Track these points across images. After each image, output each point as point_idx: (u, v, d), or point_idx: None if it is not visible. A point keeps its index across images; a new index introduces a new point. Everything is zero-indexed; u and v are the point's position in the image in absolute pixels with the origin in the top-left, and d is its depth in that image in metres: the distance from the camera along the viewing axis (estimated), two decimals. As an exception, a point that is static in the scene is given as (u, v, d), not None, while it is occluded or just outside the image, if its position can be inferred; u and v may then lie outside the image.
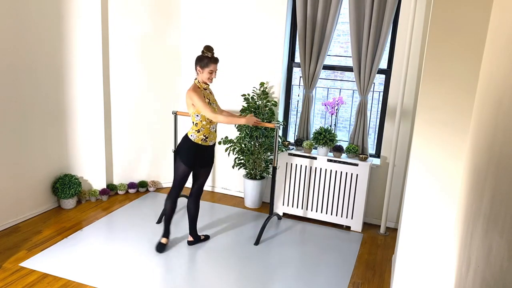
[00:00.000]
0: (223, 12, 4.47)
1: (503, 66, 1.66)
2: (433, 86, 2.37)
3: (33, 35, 3.80)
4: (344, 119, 4.64)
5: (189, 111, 3.34)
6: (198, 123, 3.31)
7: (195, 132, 3.32)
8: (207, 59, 3.25)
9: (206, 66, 3.25)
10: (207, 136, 3.36)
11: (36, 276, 3.09)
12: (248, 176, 4.52)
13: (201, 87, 3.31)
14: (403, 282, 2.67)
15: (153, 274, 3.21)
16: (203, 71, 3.26)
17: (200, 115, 3.29)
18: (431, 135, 2.42)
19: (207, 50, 3.26)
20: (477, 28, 2.22)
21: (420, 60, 3.81)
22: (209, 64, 3.24)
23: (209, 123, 3.35)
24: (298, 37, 4.17)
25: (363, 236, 4.04)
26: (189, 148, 3.34)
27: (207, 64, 3.24)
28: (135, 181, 4.81)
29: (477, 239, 1.71)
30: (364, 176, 3.99)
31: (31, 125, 3.91)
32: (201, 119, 3.30)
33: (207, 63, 3.24)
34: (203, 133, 3.33)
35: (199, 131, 3.32)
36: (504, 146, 1.46)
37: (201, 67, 3.26)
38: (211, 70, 3.26)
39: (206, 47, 3.27)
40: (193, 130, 3.34)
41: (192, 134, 3.33)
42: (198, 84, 3.31)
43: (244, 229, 4.02)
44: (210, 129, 3.36)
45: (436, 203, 2.47)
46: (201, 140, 3.34)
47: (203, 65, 3.25)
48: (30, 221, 3.97)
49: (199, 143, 3.34)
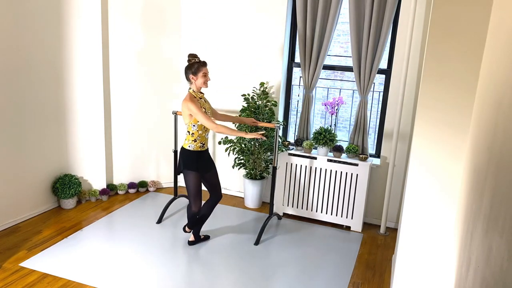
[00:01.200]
0: (223, 12, 4.47)
1: (503, 66, 1.66)
2: (433, 86, 2.37)
3: (33, 36, 3.80)
4: (344, 119, 4.64)
5: (185, 121, 3.34)
6: (194, 132, 3.33)
7: (192, 142, 3.34)
8: (197, 64, 3.28)
9: (198, 71, 3.27)
10: (204, 143, 3.41)
11: (36, 276, 3.09)
12: (248, 176, 4.52)
13: (196, 96, 3.32)
14: (403, 282, 2.67)
15: (153, 274, 3.21)
16: (197, 77, 3.28)
17: (197, 125, 3.31)
18: (431, 135, 2.42)
19: (193, 57, 3.30)
20: (477, 28, 2.22)
21: (420, 60, 3.81)
22: (200, 68, 3.27)
23: (205, 131, 3.37)
24: (298, 37, 4.17)
25: (363, 236, 4.04)
26: (190, 157, 3.37)
27: (199, 69, 3.27)
28: (135, 181, 4.81)
29: (477, 239, 1.71)
30: (364, 176, 3.99)
31: (31, 125, 3.91)
32: (197, 128, 3.32)
33: (198, 68, 3.27)
34: (200, 141, 3.37)
35: (196, 140, 3.34)
36: (504, 146, 1.46)
37: (194, 73, 3.28)
38: (204, 73, 3.28)
39: (190, 54, 3.32)
40: (189, 140, 3.35)
41: (189, 145, 3.35)
42: (194, 93, 3.32)
43: (244, 229, 4.02)
44: (205, 136, 3.40)
45: (436, 203, 2.47)
46: (199, 147, 3.37)
47: (195, 71, 3.27)
48: (30, 221, 3.97)
49: (198, 150, 3.37)
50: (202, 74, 3.27)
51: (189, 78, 3.31)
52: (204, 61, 3.33)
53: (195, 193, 3.42)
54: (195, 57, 3.30)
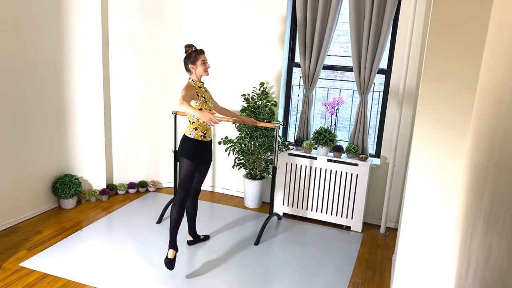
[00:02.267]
0: (223, 12, 4.47)
1: (503, 66, 1.66)
2: (433, 86, 2.37)
3: (33, 35, 3.80)
4: (344, 119, 4.64)
5: None
6: (195, 121, 3.31)
7: (193, 130, 3.32)
8: (194, 53, 3.27)
9: (196, 60, 3.26)
10: (205, 132, 3.36)
11: (36, 276, 3.09)
12: (248, 176, 4.52)
13: (195, 85, 3.30)
14: (403, 282, 2.67)
15: (152, 274, 3.21)
16: (196, 66, 3.27)
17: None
18: (431, 135, 2.42)
19: (189, 47, 3.30)
20: (477, 28, 2.22)
21: (420, 60, 3.81)
22: (198, 56, 3.26)
23: None
24: (298, 37, 4.17)
25: (363, 236, 4.04)
26: (190, 145, 3.32)
27: (196, 57, 3.26)
28: (135, 181, 4.81)
29: (477, 239, 1.71)
30: (364, 176, 3.99)
31: (31, 125, 3.91)
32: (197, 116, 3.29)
33: (195, 56, 3.26)
34: (201, 130, 3.33)
35: (197, 128, 3.32)
36: (504, 146, 1.46)
37: (192, 62, 3.27)
38: (203, 60, 3.27)
39: (186, 45, 3.31)
40: (190, 128, 3.33)
41: (190, 133, 3.32)
42: (193, 82, 3.31)
43: (244, 229, 4.02)
44: (206, 125, 3.35)
45: (436, 203, 2.47)
46: (200, 136, 3.33)
47: (193, 60, 3.27)
48: (30, 221, 3.97)
49: (199, 139, 3.33)
50: (201, 61, 3.26)
51: (188, 68, 3.29)
52: (201, 49, 3.32)
53: (184, 181, 3.29)
54: (191, 47, 3.29)
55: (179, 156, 3.37)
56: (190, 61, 3.28)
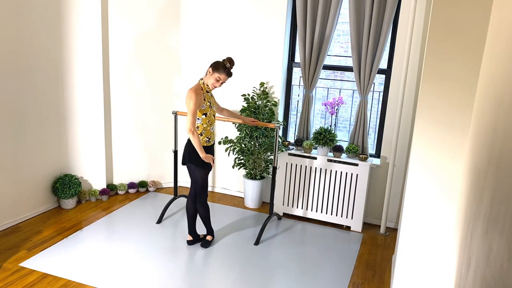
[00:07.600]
0: (223, 12, 4.47)
1: (503, 66, 1.66)
2: (433, 86, 2.37)
3: (33, 36, 3.80)
4: (344, 119, 4.64)
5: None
6: (199, 126, 3.31)
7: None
8: (223, 68, 3.26)
9: (217, 72, 3.26)
10: (210, 137, 3.38)
11: (36, 276, 3.09)
12: (248, 176, 4.52)
13: (204, 88, 3.31)
14: (403, 282, 2.67)
15: (152, 274, 3.21)
16: (212, 76, 3.27)
17: (201, 118, 3.29)
18: (431, 135, 2.42)
19: (229, 62, 3.29)
20: (477, 28, 2.22)
21: (420, 60, 3.81)
22: (221, 73, 3.26)
23: (210, 125, 3.36)
24: (298, 37, 4.17)
25: (363, 236, 4.04)
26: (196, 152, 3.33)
27: (219, 71, 3.26)
28: (135, 181, 4.81)
29: (477, 239, 1.71)
30: (364, 176, 3.99)
31: (31, 125, 3.91)
32: (201, 122, 3.30)
33: (220, 70, 3.26)
34: (206, 135, 3.34)
35: (202, 134, 3.32)
36: (504, 146, 1.46)
37: (214, 70, 3.27)
38: (219, 77, 3.27)
39: (229, 58, 3.30)
40: None
41: None
42: (203, 85, 3.31)
43: (244, 229, 4.02)
44: (210, 130, 3.37)
45: (436, 203, 2.47)
46: (205, 142, 3.35)
47: (215, 71, 3.26)
48: (30, 221, 3.97)
49: (204, 145, 3.35)
50: (217, 77, 3.26)
51: (208, 70, 3.30)
52: (232, 72, 3.33)
53: (202, 187, 3.44)
54: (230, 63, 3.29)
55: (188, 164, 3.38)
56: (213, 67, 3.28)
